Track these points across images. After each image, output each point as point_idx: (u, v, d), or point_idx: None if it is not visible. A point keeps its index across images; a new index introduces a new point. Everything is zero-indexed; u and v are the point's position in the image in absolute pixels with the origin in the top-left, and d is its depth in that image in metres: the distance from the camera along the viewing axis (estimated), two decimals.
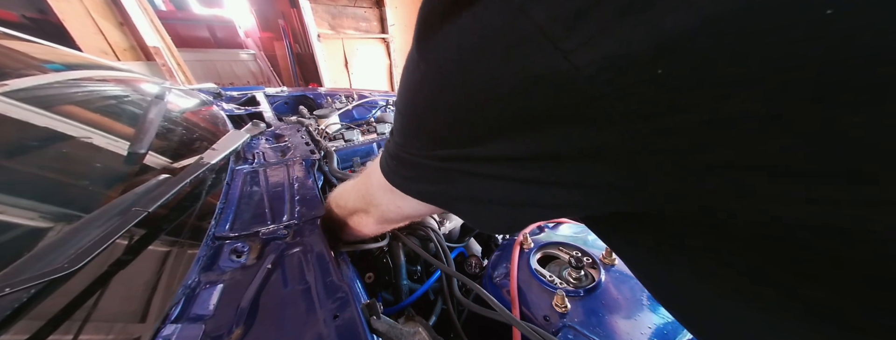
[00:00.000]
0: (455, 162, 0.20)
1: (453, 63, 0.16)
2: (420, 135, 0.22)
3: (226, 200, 0.52)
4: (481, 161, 0.19)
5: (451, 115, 0.18)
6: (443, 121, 0.19)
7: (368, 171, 0.35)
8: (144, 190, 0.43)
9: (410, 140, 0.23)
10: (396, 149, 0.25)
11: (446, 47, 0.16)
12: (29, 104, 0.45)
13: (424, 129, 0.21)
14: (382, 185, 0.29)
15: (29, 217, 0.35)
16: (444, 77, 0.17)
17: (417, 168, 0.23)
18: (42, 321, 0.27)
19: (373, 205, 0.36)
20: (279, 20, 4.03)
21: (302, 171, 0.64)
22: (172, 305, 0.32)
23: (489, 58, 0.14)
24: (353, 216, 0.43)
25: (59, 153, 0.44)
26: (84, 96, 0.59)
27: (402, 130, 0.24)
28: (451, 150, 0.20)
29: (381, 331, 0.32)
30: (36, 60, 0.65)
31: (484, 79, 0.15)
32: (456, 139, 0.19)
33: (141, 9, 2.24)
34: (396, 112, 0.24)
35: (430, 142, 0.21)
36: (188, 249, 0.41)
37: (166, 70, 2.44)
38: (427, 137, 0.21)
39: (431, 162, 0.22)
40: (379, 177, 0.29)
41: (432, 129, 0.20)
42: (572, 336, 0.40)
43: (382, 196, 0.32)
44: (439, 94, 0.18)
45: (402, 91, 0.22)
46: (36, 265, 0.29)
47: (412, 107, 0.21)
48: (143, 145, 0.53)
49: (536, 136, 0.15)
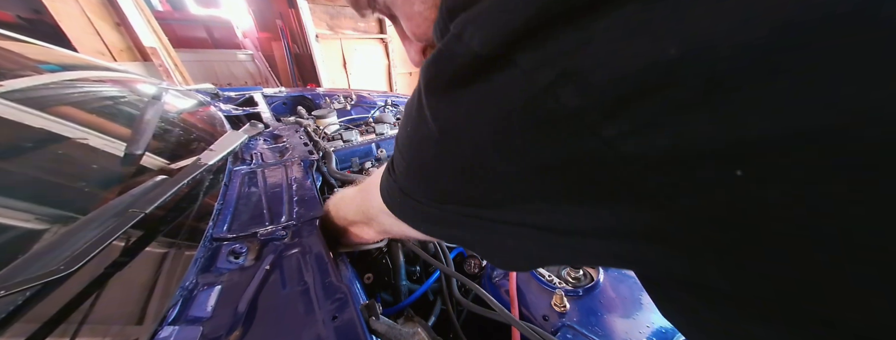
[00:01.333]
0: (469, 217, 0.19)
1: (467, 130, 0.15)
2: (427, 188, 0.21)
3: (224, 201, 0.52)
4: (499, 222, 0.18)
5: (462, 178, 0.17)
6: (453, 181, 0.18)
7: (368, 188, 0.33)
8: (141, 192, 0.43)
9: (416, 187, 0.22)
10: (401, 189, 0.23)
11: (458, 112, 0.15)
12: (24, 105, 0.45)
13: (432, 184, 0.20)
14: (385, 211, 0.28)
15: (25, 219, 0.35)
16: (455, 141, 0.16)
17: (427, 213, 0.22)
18: (38, 323, 0.27)
19: (374, 221, 0.35)
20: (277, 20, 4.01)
21: (300, 172, 0.64)
22: (170, 307, 0.32)
23: (510, 132, 0.14)
24: (354, 226, 0.42)
25: (55, 154, 0.44)
26: (80, 97, 0.58)
27: (407, 175, 0.22)
28: (464, 208, 0.19)
29: (381, 332, 0.32)
30: (31, 61, 0.64)
31: (504, 151, 0.14)
32: (468, 199, 0.18)
33: (137, 9, 2.23)
34: (399, 152, 0.23)
35: (439, 196, 0.20)
36: (186, 250, 0.40)
37: (163, 70, 2.43)
38: (435, 191, 0.20)
39: (440, 211, 0.21)
40: (381, 205, 0.27)
41: (441, 186, 0.19)
42: (571, 335, 0.40)
43: (384, 218, 0.31)
44: (450, 156, 0.17)
45: (406, 136, 0.21)
46: (32, 267, 0.29)
47: (419, 161, 0.20)
48: (140, 146, 0.53)
49: (566, 209, 0.14)
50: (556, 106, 0.12)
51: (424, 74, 0.17)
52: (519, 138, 0.13)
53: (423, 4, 0.22)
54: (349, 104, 1.39)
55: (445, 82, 0.16)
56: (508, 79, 0.13)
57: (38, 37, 0.79)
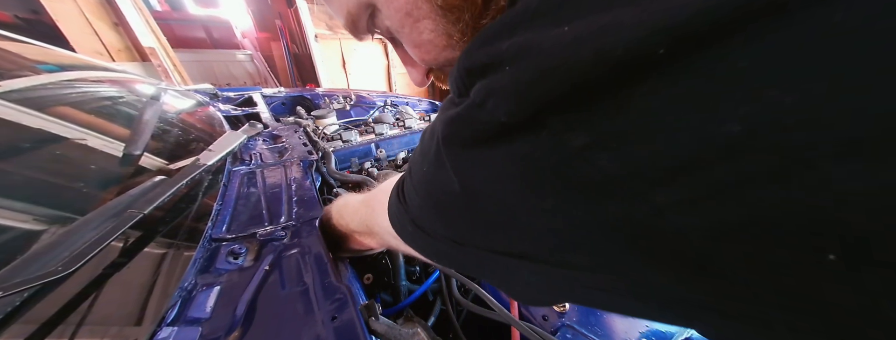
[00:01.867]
0: (489, 253, 0.18)
1: (491, 190, 0.15)
2: (445, 229, 0.20)
3: (223, 202, 0.52)
4: (524, 259, 0.16)
5: (485, 231, 0.17)
6: (474, 231, 0.18)
7: (373, 204, 0.32)
8: (140, 192, 0.43)
9: (432, 226, 0.21)
10: (415, 222, 0.22)
11: (481, 171, 0.15)
12: (22, 105, 0.45)
13: (451, 227, 0.19)
14: (393, 235, 0.26)
15: (23, 219, 0.35)
16: (478, 197, 0.16)
17: (442, 248, 0.21)
18: (36, 324, 0.27)
19: (378, 236, 0.34)
20: (276, 20, 4.01)
21: (299, 172, 0.64)
22: (168, 308, 0.32)
23: (541, 193, 0.13)
24: (356, 234, 0.41)
25: (54, 155, 0.44)
26: (78, 97, 0.58)
27: (421, 212, 0.21)
28: (487, 251, 0.18)
29: (380, 332, 0.32)
30: (29, 61, 0.64)
31: (534, 211, 0.13)
32: (489, 246, 0.17)
33: (136, 9, 2.22)
34: (413, 187, 0.22)
35: (458, 238, 0.19)
36: (184, 251, 0.40)
37: (162, 71, 2.42)
38: (454, 234, 0.19)
39: (457, 250, 0.20)
40: (389, 228, 0.26)
41: (461, 232, 0.19)
42: (571, 335, 0.40)
43: (390, 239, 0.30)
44: (471, 211, 0.17)
45: (422, 175, 0.20)
46: (30, 268, 0.29)
47: (436, 204, 0.20)
48: (139, 147, 0.53)
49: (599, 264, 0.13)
50: (592, 170, 0.11)
51: (443, 128, 0.16)
52: (551, 199, 0.13)
53: (432, 33, 0.21)
54: (348, 104, 1.39)
55: (469, 140, 0.15)
56: (538, 140, 0.12)
57: (36, 37, 0.79)
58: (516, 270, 0.17)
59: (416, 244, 0.24)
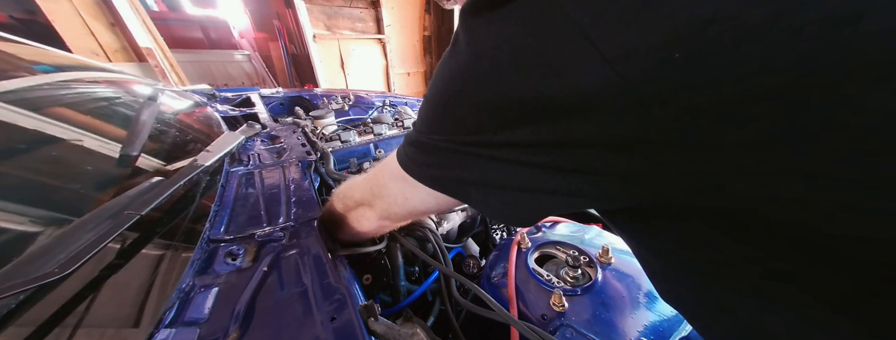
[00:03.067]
0: (474, 146, 0.21)
1: (490, 51, 0.17)
2: (445, 121, 0.23)
3: (221, 202, 0.52)
4: (501, 147, 0.19)
5: (479, 101, 0.19)
6: (470, 106, 0.20)
7: (384, 162, 0.36)
8: (137, 193, 0.42)
9: (434, 125, 0.24)
10: (417, 136, 0.26)
11: (486, 35, 0.17)
12: (17, 106, 0.44)
13: (450, 115, 0.22)
14: (395, 174, 0.30)
15: (18, 221, 0.35)
16: (479, 64, 0.18)
17: (435, 153, 0.24)
18: (32, 327, 0.27)
19: (379, 197, 0.36)
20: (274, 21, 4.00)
21: (298, 173, 0.64)
22: (166, 309, 0.32)
23: (523, 48, 0.15)
24: (356, 210, 0.42)
25: (49, 156, 0.43)
26: (74, 98, 0.58)
27: (427, 118, 0.25)
28: (473, 136, 0.21)
29: (379, 333, 0.32)
30: (24, 62, 0.64)
31: (515, 67, 0.16)
32: (480, 125, 0.20)
33: (132, 9, 2.21)
34: (425, 101, 0.25)
35: (455, 128, 0.22)
36: (182, 252, 0.40)
37: (159, 71, 2.41)
38: (452, 123, 0.22)
39: (451, 145, 0.23)
40: (393, 166, 0.30)
41: (459, 115, 0.21)
42: (570, 334, 0.40)
43: (393, 185, 0.33)
44: (472, 81, 0.19)
45: (436, 79, 0.23)
46: (25, 270, 0.29)
47: (443, 94, 0.22)
48: (136, 147, 0.52)
49: (558, 125, 0.16)
50: (561, 16, 0.13)
51: (462, 11, 0.19)
52: (530, 52, 0.15)
53: None
54: (347, 104, 1.39)
55: (479, 7, 0.17)
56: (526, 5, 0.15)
57: (32, 37, 0.78)
58: (496, 170, 0.20)
59: (415, 162, 0.27)
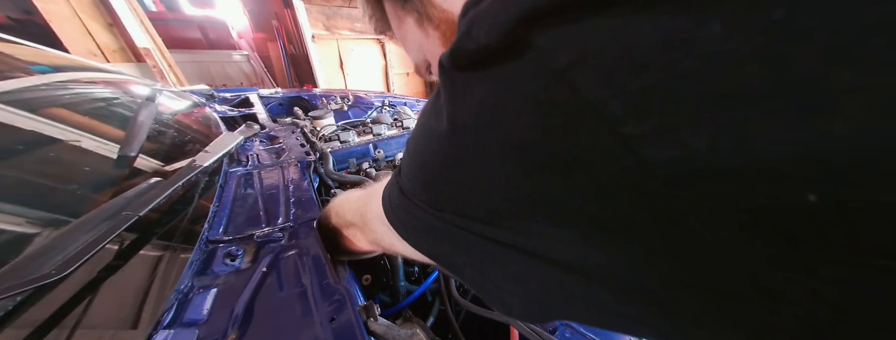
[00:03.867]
0: (461, 228, 0.17)
1: (473, 122, 0.14)
2: (426, 188, 0.19)
3: (219, 203, 0.51)
4: (491, 241, 0.15)
5: (461, 178, 0.15)
6: (453, 182, 0.16)
7: (372, 193, 0.32)
8: (135, 194, 0.42)
9: (416, 187, 0.20)
10: (402, 189, 0.22)
11: (468, 103, 0.14)
12: (14, 107, 0.44)
13: (432, 184, 0.18)
14: (382, 219, 0.26)
15: (16, 222, 0.34)
16: (460, 135, 0.15)
17: (421, 219, 0.20)
18: (29, 329, 0.27)
19: (368, 228, 0.33)
20: (273, 21, 4.00)
21: (297, 173, 0.64)
22: (165, 310, 0.31)
23: (516, 124, 0.12)
24: (348, 229, 0.41)
25: (46, 157, 0.43)
26: (72, 98, 0.57)
27: (409, 174, 0.20)
28: (458, 217, 0.17)
29: (379, 333, 0.32)
30: (21, 62, 0.63)
31: (507, 146, 0.12)
32: (463, 206, 0.16)
33: (130, 9, 2.20)
34: (407, 152, 0.21)
35: (437, 200, 0.18)
36: (181, 253, 0.40)
37: (157, 71, 2.41)
38: (434, 193, 0.18)
39: (434, 218, 0.18)
40: (379, 210, 0.26)
41: (440, 187, 0.17)
42: (569, 334, 0.40)
43: (378, 227, 0.29)
44: (453, 151, 0.15)
45: (416, 131, 0.20)
46: (22, 272, 0.29)
47: (423, 157, 0.18)
48: (134, 148, 0.52)
49: (564, 234, 0.12)
50: (570, 94, 0.10)
51: (441, 64, 0.16)
52: (525, 131, 0.12)
53: None
54: (346, 105, 1.39)
55: (458, 69, 0.14)
56: (522, 62, 0.11)
57: (29, 38, 0.78)
58: (487, 255, 0.16)
59: (398, 218, 0.23)
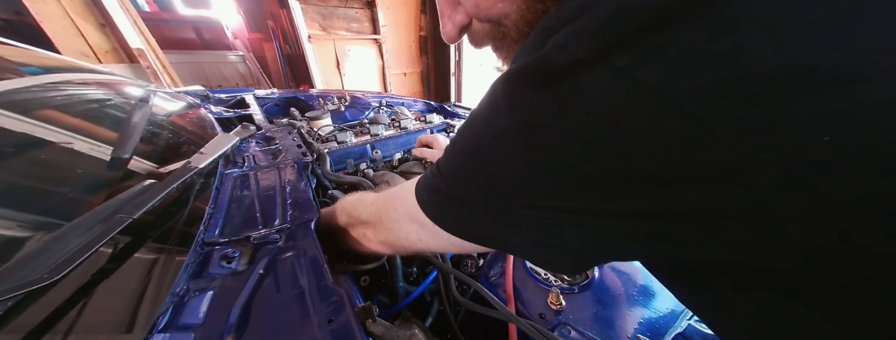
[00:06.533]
0: (532, 209, 0.19)
1: (548, 122, 0.16)
2: (488, 182, 0.21)
3: (215, 205, 0.51)
4: (566, 212, 0.18)
5: (536, 171, 0.18)
6: (523, 173, 0.19)
7: (395, 195, 0.34)
8: (129, 197, 0.42)
9: (470, 183, 0.22)
10: (448, 189, 0.24)
11: (540, 109, 0.16)
12: (5, 109, 0.43)
13: (493, 175, 0.21)
14: (412, 215, 0.28)
15: (7, 226, 0.34)
16: (535, 134, 0.17)
17: (473, 209, 0.23)
18: (21, 333, 0.26)
19: (386, 228, 0.35)
20: (268, 21, 3.97)
21: (294, 174, 0.63)
22: (160, 314, 0.31)
23: (594, 122, 0.14)
24: (357, 228, 0.41)
25: (38, 159, 0.42)
26: (64, 100, 0.57)
27: (458, 172, 0.23)
28: (523, 199, 0.19)
29: (378, 334, 0.32)
30: (11, 63, 0.62)
31: (588, 141, 0.15)
32: (532, 191, 0.19)
33: (123, 10, 2.17)
34: (455, 152, 0.24)
35: (496, 189, 0.21)
36: (176, 256, 0.39)
37: (151, 72, 2.38)
38: (494, 183, 0.21)
39: (494, 203, 0.21)
40: (411, 207, 0.28)
41: (505, 178, 0.20)
42: (568, 333, 0.41)
43: (406, 225, 0.31)
44: (526, 148, 0.18)
45: (471, 133, 0.22)
46: (14, 276, 0.28)
47: (485, 156, 0.21)
48: (127, 150, 0.51)
49: (652, 193, 0.15)
50: (644, 89, 0.13)
51: (510, 73, 0.18)
52: (603, 125, 0.14)
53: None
54: (343, 105, 1.38)
55: (538, 80, 0.16)
56: (590, 71, 0.14)
57: (19, 39, 0.77)
58: (552, 224, 0.19)
59: (440, 211, 0.26)
